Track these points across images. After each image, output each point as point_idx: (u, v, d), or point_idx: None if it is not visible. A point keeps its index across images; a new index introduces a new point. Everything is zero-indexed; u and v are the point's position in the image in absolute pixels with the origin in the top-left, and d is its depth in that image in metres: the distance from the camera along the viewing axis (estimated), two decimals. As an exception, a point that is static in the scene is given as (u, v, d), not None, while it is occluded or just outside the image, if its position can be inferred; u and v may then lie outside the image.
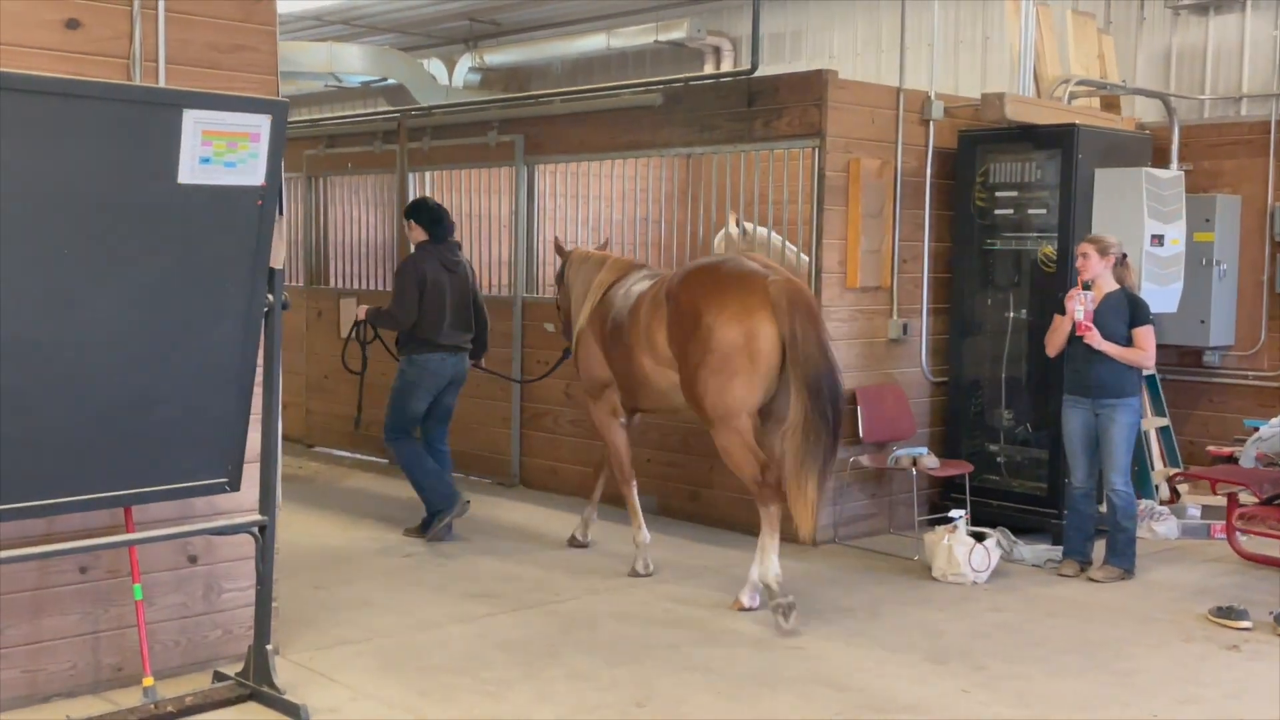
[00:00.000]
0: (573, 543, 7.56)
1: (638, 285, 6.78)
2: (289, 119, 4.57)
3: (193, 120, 4.24)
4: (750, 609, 6.17)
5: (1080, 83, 8.58)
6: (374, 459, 10.33)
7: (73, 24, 4.58)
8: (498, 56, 13.09)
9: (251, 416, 4.79)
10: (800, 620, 5.90)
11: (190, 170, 4.29)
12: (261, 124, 4.41)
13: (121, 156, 4.18)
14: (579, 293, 7.21)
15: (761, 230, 8.26)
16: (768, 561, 6.02)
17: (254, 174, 4.46)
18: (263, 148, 4.43)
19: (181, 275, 4.42)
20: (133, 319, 4.36)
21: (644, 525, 6.93)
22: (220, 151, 4.34)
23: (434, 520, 7.59)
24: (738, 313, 5.97)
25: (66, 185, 4.10)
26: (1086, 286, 6.76)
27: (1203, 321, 8.56)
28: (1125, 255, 6.93)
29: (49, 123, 4.01)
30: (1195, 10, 9.10)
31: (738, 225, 8.24)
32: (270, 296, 4.68)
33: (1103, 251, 6.79)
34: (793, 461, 5.84)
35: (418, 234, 7.68)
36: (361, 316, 7.84)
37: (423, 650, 5.55)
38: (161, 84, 4.73)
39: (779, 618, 5.89)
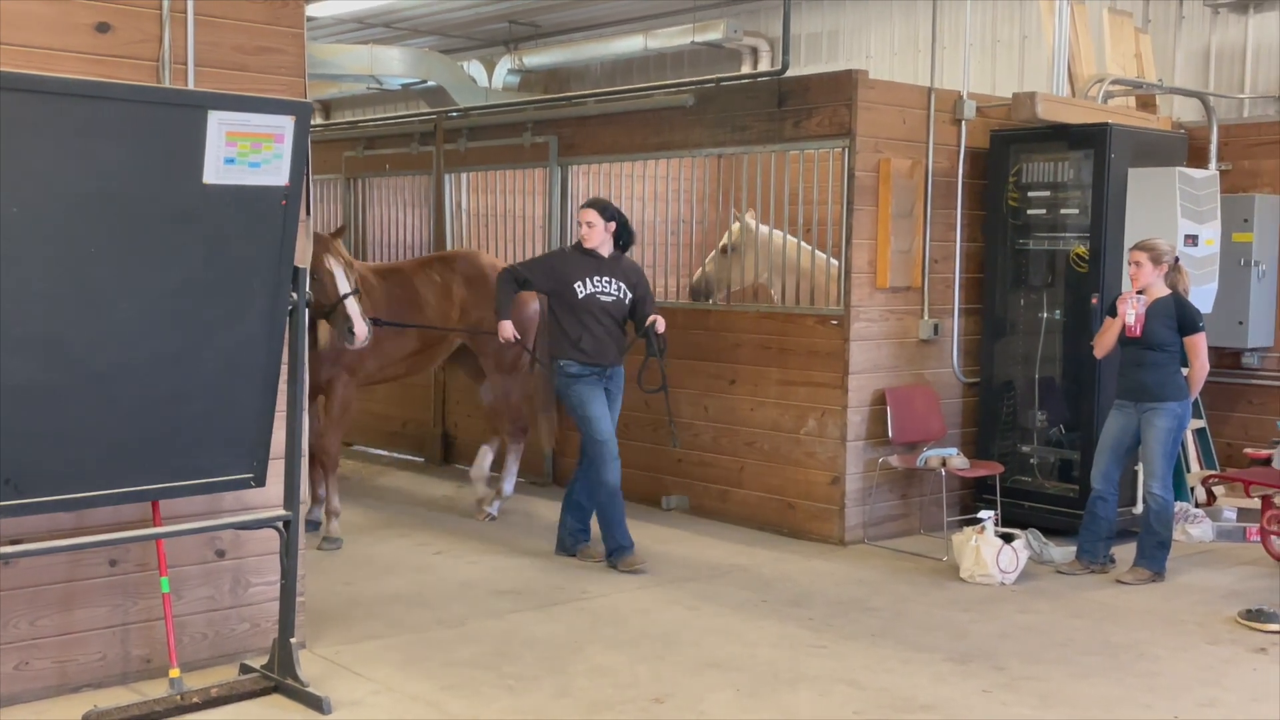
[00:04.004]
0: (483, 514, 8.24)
1: (405, 273, 8.17)
2: (329, 121, 4.66)
3: (217, 121, 4.33)
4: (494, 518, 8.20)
5: (1115, 82, 8.50)
6: (410, 458, 10.43)
7: (103, 27, 4.67)
8: (536, 58, 13.16)
9: (276, 413, 4.87)
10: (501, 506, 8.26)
11: (215, 171, 4.39)
12: (285, 125, 4.50)
13: (148, 158, 4.28)
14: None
15: (764, 229, 8.35)
16: (512, 478, 8.36)
17: (278, 174, 4.54)
18: (286, 148, 4.52)
19: (208, 274, 4.51)
20: (160, 316, 4.46)
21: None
22: (245, 152, 4.43)
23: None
24: (524, 295, 7.76)
25: (95, 186, 4.21)
26: (1140, 291, 6.75)
27: (1241, 323, 8.45)
28: (1178, 259, 6.88)
29: (77, 125, 4.12)
30: (1235, 8, 8.99)
31: (753, 221, 8.33)
32: (294, 294, 4.76)
33: (1156, 260, 6.74)
34: (538, 399, 8.15)
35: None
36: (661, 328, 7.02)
37: (448, 645, 5.61)
38: (190, 86, 4.81)
39: (490, 508, 8.21)
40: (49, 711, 4.70)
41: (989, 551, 6.74)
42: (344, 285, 6.83)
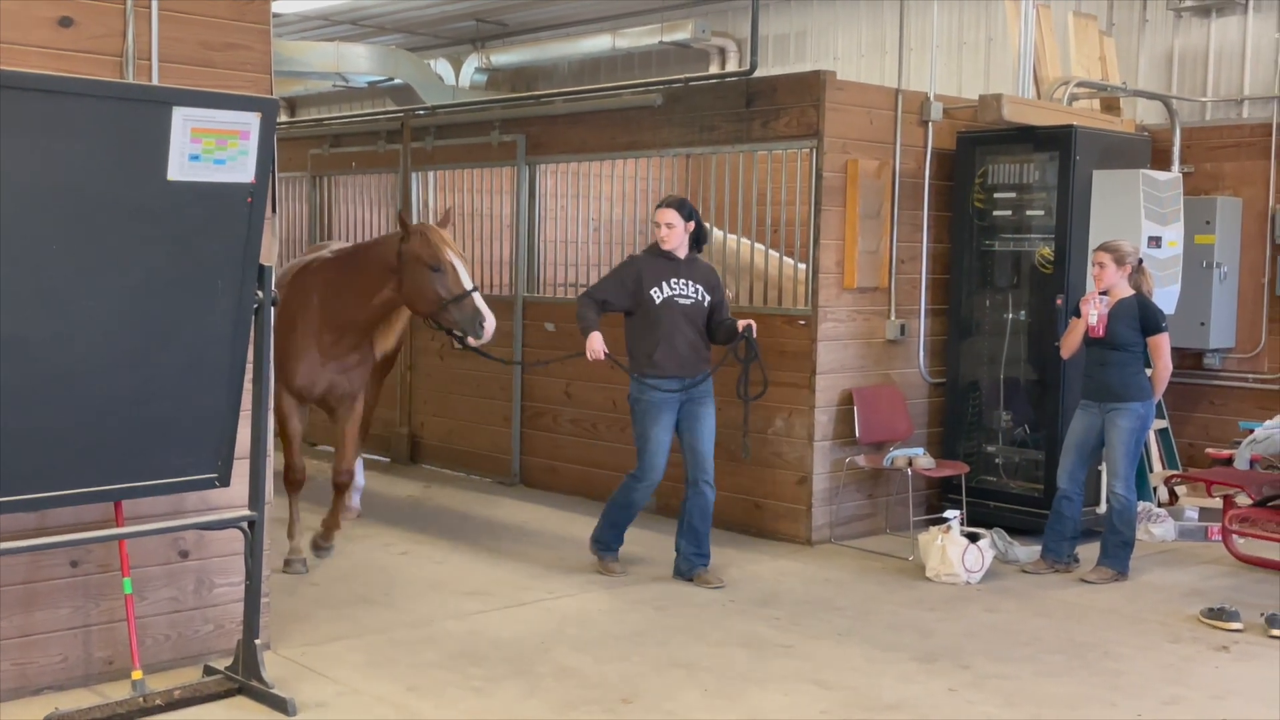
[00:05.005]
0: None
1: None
2: (295, 118, 4.63)
3: (182, 118, 4.29)
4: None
5: (1080, 84, 8.57)
6: (374, 457, 10.36)
7: (66, 21, 4.62)
8: (504, 57, 13.12)
9: (241, 412, 4.83)
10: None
11: (180, 168, 4.34)
12: (251, 121, 4.45)
13: (112, 154, 4.22)
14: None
15: (719, 234, 8.36)
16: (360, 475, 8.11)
17: (244, 171, 4.50)
18: (252, 145, 4.47)
19: (172, 272, 4.47)
20: (124, 315, 4.41)
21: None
22: (210, 149, 4.39)
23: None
24: None
25: (57, 182, 4.15)
26: (1104, 291, 6.80)
27: (1203, 324, 8.55)
28: (1141, 261, 6.94)
29: (39, 120, 4.06)
30: (1197, 12, 9.08)
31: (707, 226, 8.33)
32: (260, 293, 4.72)
33: (1119, 261, 6.79)
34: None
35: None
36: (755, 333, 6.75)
37: (414, 646, 5.58)
38: (155, 82, 4.76)
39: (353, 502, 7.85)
40: (9, 714, 4.63)
41: (955, 551, 6.78)
42: (467, 280, 6.42)
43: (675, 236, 6.63)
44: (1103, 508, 7.36)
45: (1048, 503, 7.26)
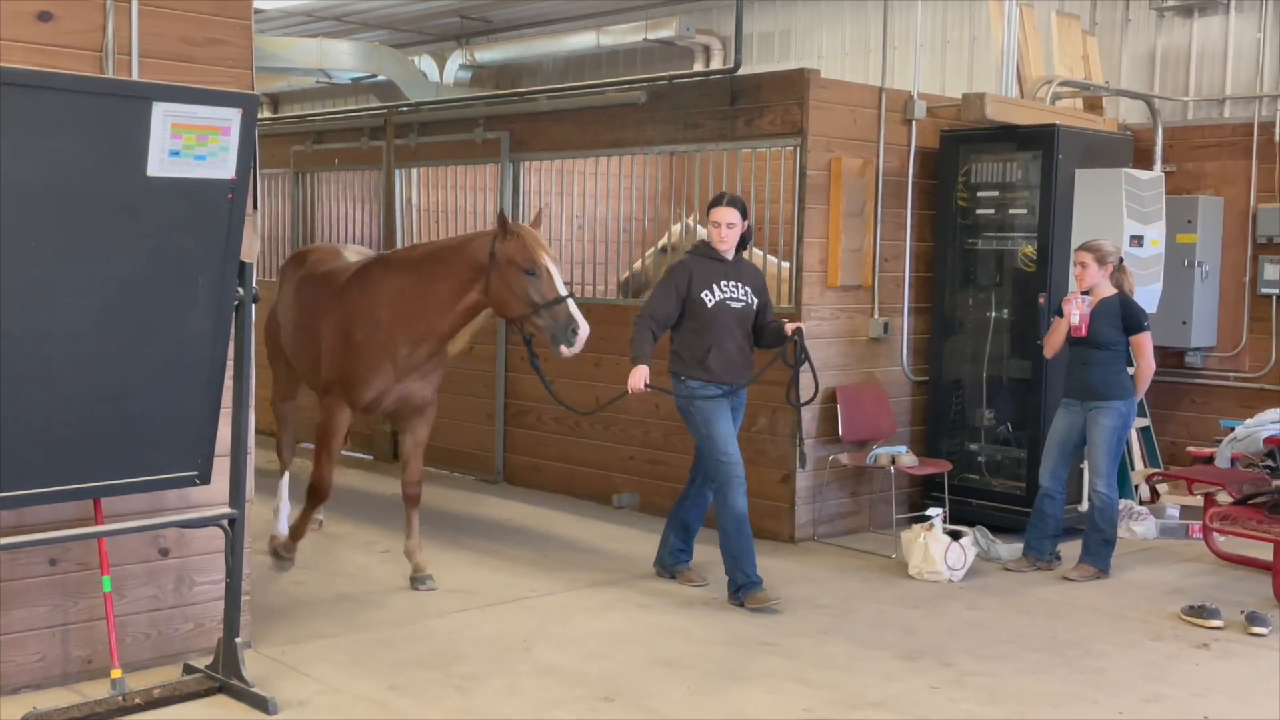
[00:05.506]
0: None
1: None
2: (277, 115, 4.60)
3: (162, 113, 4.26)
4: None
5: (1063, 83, 8.60)
6: (359, 455, 10.34)
7: (45, 16, 4.59)
8: (488, 54, 13.09)
9: (222, 410, 4.80)
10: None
11: (159, 163, 4.31)
12: (232, 117, 4.43)
13: (91, 149, 4.20)
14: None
15: (701, 231, 8.32)
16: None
17: (224, 167, 4.47)
18: (233, 141, 4.45)
19: (152, 268, 4.44)
20: (103, 311, 4.38)
21: None
22: (190, 145, 4.36)
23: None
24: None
25: (36, 178, 4.12)
26: (1085, 291, 6.82)
27: (1184, 323, 8.58)
28: (1122, 260, 6.96)
29: (17, 115, 4.03)
30: (1180, 12, 9.11)
31: (695, 224, 8.33)
32: (241, 289, 4.69)
33: (1101, 261, 6.81)
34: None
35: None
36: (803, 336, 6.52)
37: (396, 644, 5.56)
38: (135, 77, 4.73)
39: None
40: (-13, 713, 4.62)
41: (937, 549, 6.79)
42: (561, 285, 6.00)
43: (733, 237, 6.34)
44: (1084, 506, 7.38)
45: (1030, 501, 7.27)
